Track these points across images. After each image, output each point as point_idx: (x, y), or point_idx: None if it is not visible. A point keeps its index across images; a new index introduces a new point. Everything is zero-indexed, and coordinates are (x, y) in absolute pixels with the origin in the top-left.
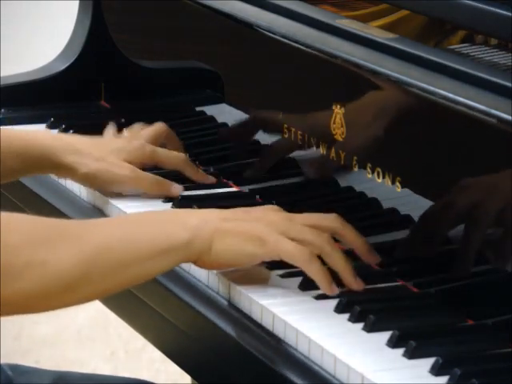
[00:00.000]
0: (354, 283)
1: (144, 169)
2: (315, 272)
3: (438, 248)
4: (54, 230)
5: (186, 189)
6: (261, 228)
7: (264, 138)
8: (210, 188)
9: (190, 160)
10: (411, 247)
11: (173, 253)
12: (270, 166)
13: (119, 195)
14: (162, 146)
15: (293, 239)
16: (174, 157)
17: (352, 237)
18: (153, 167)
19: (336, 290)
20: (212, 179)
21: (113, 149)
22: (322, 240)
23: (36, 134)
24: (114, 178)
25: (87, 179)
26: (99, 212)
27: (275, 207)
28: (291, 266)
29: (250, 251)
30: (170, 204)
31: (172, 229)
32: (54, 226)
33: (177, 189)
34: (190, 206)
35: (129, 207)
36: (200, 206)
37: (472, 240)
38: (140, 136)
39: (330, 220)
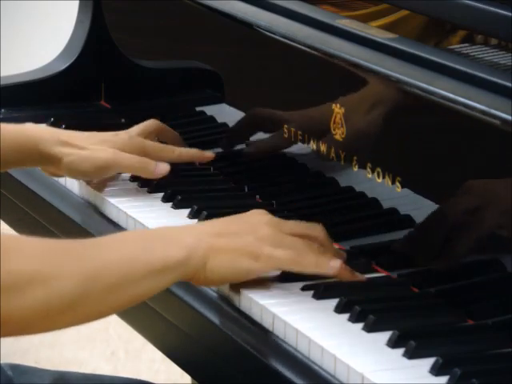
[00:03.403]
0: (354, 278)
1: None
2: (311, 265)
3: (438, 248)
4: (55, 250)
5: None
6: (254, 242)
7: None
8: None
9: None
10: (411, 248)
11: (169, 272)
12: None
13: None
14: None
15: (284, 247)
16: (163, 149)
17: (332, 251)
18: None
19: (338, 262)
20: (210, 154)
21: (99, 139)
22: (314, 249)
23: (26, 127)
24: (97, 162)
25: (71, 168)
26: (97, 210)
27: (262, 211)
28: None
29: (245, 267)
30: (170, 204)
31: (167, 248)
32: (54, 247)
33: (162, 169)
34: (189, 207)
35: (128, 207)
36: (200, 206)
37: (470, 239)
38: (130, 130)
39: (317, 230)
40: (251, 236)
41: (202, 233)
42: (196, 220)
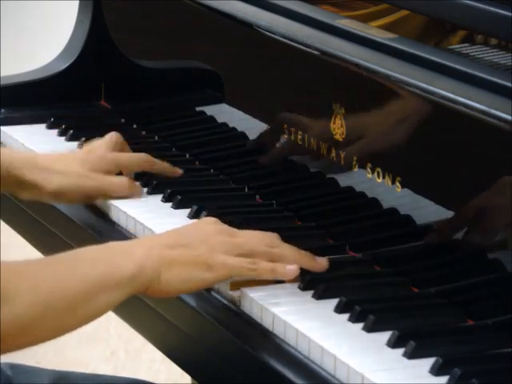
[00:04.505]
0: (317, 265)
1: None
2: (267, 271)
3: (437, 248)
4: (7, 273)
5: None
6: (206, 252)
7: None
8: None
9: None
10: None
11: (123, 286)
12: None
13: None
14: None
15: (239, 255)
16: (137, 158)
17: (291, 253)
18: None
19: (294, 268)
20: (179, 171)
21: (75, 161)
22: (267, 243)
23: None
24: (85, 191)
25: (55, 196)
26: (97, 211)
27: (214, 220)
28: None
29: (198, 277)
30: (170, 204)
31: (119, 262)
32: (5, 269)
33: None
34: (189, 207)
35: (128, 207)
36: (200, 207)
37: (471, 238)
38: (96, 147)
39: (269, 238)
40: (204, 246)
41: (154, 244)
42: (196, 220)
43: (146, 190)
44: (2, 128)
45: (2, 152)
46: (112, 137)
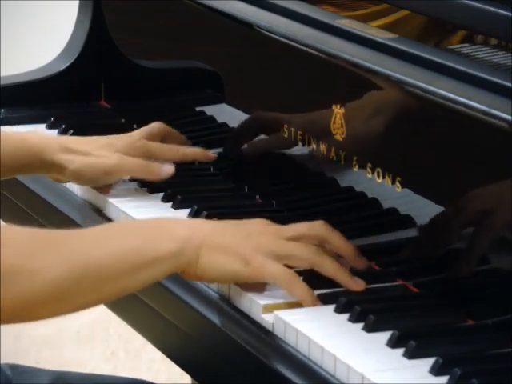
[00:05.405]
0: (354, 284)
1: None
2: (298, 293)
3: (438, 249)
4: (42, 240)
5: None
6: (247, 247)
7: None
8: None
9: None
10: (412, 249)
11: (160, 264)
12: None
13: (117, 194)
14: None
15: (280, 257)
16: (167, 149)
17: (339, 242)
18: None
19: (319, 304)
20: (212, 155)
21: (102, 144)
22: (310, 252)
23: (26, 135)
24: (102, 168)
25: (76, 175)
26: (97, 211)
27: (264, 221)
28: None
29: (234, 269)
30: (170, 204)
31: (160, 239)
32: (41, 237)
33: (166, 170)
34: (189, 207)
35: (128, 207)
36: (200, 207)
37: (473, 240)
38: (133, 134)
39: (317, 227)
40: (246, 240)
41: (197, 227)
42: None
43: (146, 189)
44: (2, 128)
45: (34, 138)
46: (151, 128)
